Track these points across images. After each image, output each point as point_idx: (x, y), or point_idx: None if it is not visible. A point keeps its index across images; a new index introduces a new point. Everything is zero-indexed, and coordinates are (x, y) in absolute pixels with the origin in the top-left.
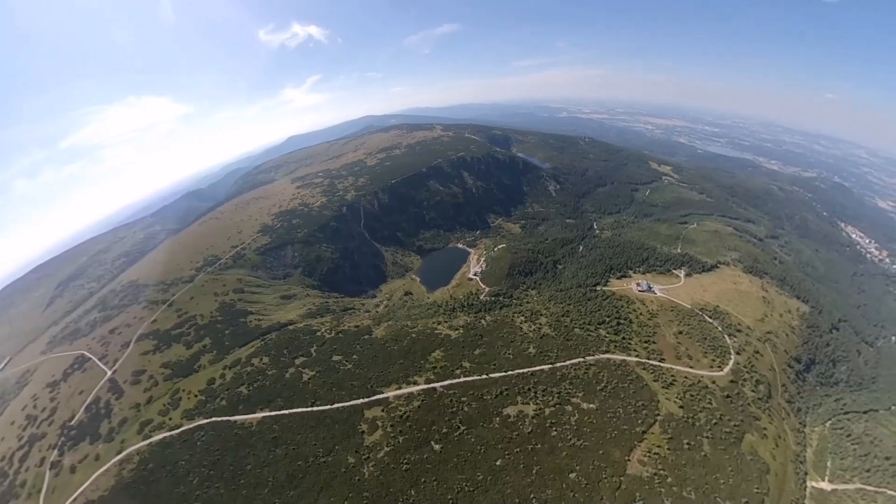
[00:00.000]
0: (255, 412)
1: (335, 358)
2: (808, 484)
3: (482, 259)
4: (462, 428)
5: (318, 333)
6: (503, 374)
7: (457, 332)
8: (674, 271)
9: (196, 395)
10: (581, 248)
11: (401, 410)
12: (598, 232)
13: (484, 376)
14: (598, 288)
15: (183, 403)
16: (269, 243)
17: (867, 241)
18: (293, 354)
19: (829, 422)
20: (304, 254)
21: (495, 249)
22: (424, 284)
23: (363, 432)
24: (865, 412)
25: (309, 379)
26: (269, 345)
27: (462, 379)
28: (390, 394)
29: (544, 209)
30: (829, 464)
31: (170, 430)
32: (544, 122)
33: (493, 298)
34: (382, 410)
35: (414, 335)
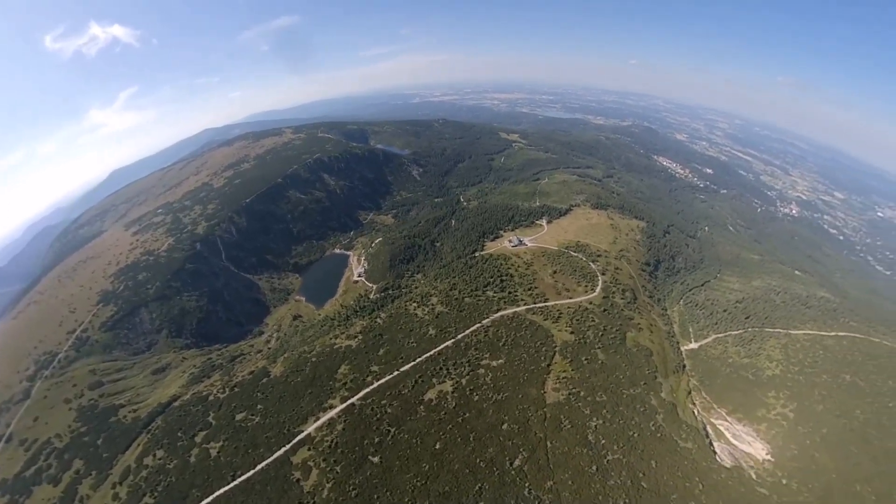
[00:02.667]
0: None
1: (239, 416)
2: (682, 349)
3: (362, 258)
4: (392, 430)
5: (211, 397)
6: (413, 363)
7: (356, 339)
8: (537, 222)
9: None
10: (453, 222)
11: (327, 441)
12: (465, 204)
13: (395, 373)
14: (477, 254)
15: None
16: (117, 313)
17: (674, 165)
18: (190, 433)
19: (681, 300)
20: (164, 312)
21: (373, 245)
22: (311, 302)
23: (298, 480)
24: (702, 285)
25: (219, 452)
26: (158, 434)
27: (375, 384)
28: (310, 429)
29: (412, 194)
30: (690, 329)
31: None
32: (399, 110)
33: (382, 294)
34: (309, 449)
35: (314, 359)
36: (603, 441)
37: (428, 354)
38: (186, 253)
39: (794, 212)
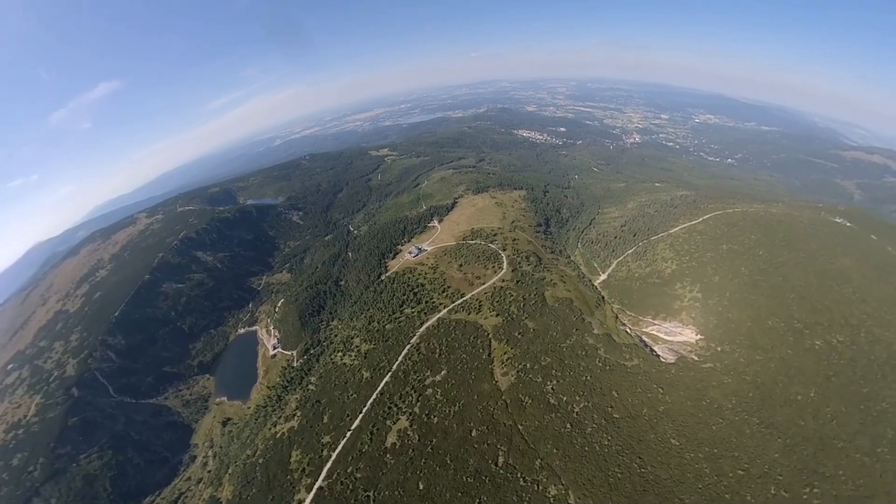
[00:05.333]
0: None
1: None
2: (595, 284)
3: (272, 328)
4: (371, 494)
5: None
6: (361, 415)
7: (296, 418)
8: (429, 225)
9: None
10: (350, 254)
11: None
12: (356, 232)
13: (348, 434)
14: (383, 277)
15: None
16: None
17: (533, 133)
18: None
19: (579, 244)
20: (64, 491)
21: (277, 310)
22: (235, 398)
23: None
24: (590, 224)
25: None
26: None
27: (334, 455)
28: None
29: (300, 241)
30: (595, 265)
31: None
32: (262, 157)
33: (305, 357)
34: None
35: (262, 460)
36: (565, 398)
37: (372, 399)
38: (64, 407)
39: (637, 140)
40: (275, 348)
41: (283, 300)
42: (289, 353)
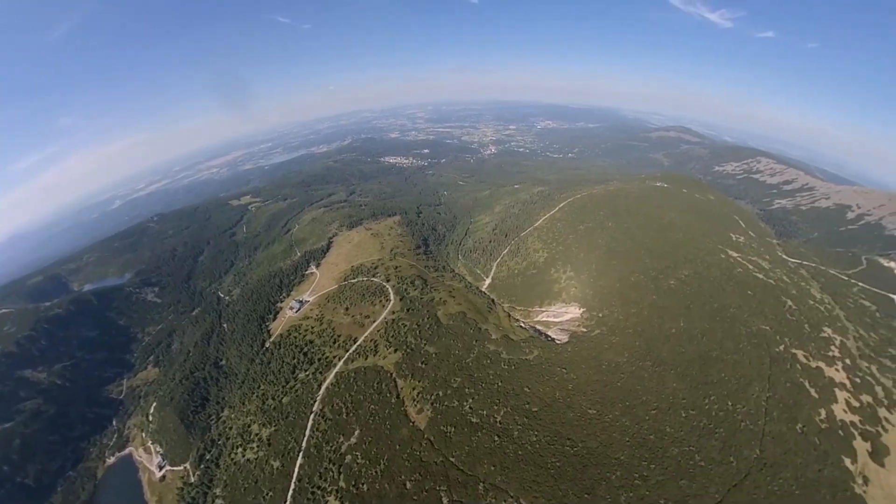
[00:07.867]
0: None
1: None
2: (483, 290)
3: (150, 443)
4: None
5: None
6: None
7: None
8: (307, 273)
9: None
10: (225, 325)
11: None
12: (227, 298)
13: None
14: (267, 344)
15: None
16: None
17: (399, 159)
18: None
19: (459, 256)
20: None
21: (151, 418)
22: None
23: None
24: (466, 234)
25: None
26: None
27: None
28: None
29: (162, 324)
30: (479, 271)
31: None
32: (98, 226)
33: (202, 467)
34: None
35: None
36: (485, 412)
37: (291, 491)
38: None
39: (493, 150)
40: (161, 468)
41: (155, 404)
42: (180, 468)
